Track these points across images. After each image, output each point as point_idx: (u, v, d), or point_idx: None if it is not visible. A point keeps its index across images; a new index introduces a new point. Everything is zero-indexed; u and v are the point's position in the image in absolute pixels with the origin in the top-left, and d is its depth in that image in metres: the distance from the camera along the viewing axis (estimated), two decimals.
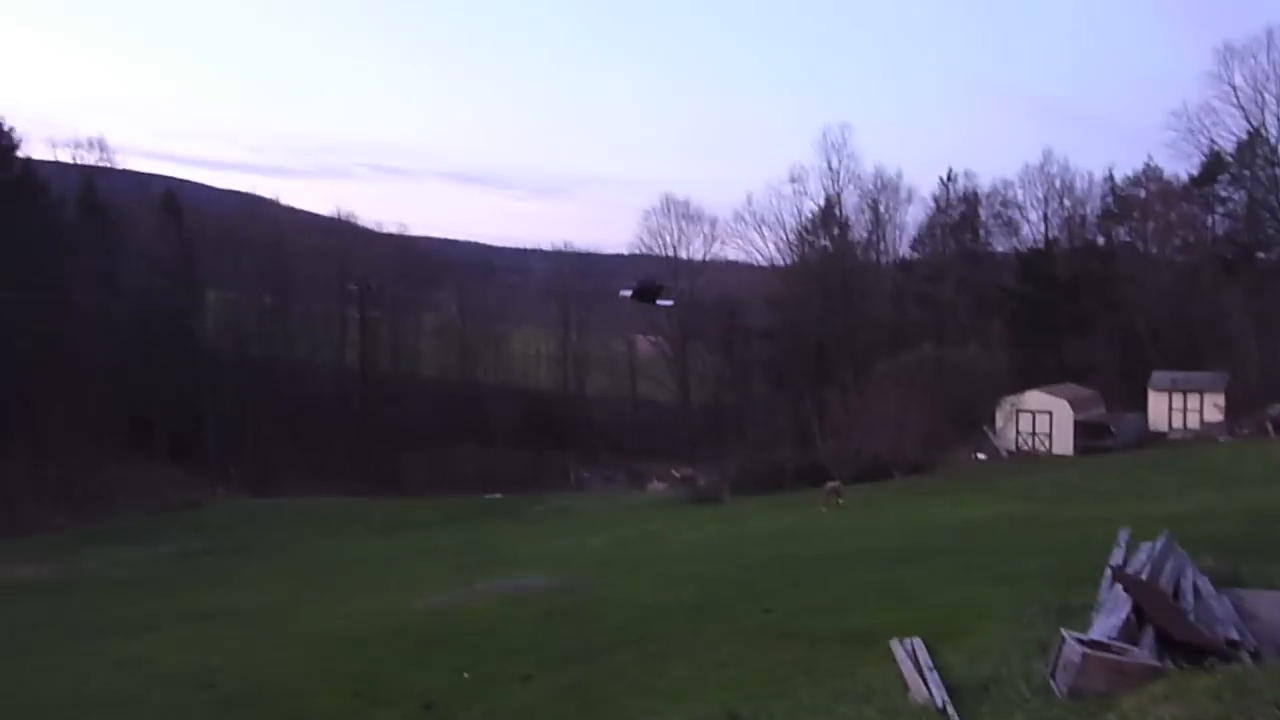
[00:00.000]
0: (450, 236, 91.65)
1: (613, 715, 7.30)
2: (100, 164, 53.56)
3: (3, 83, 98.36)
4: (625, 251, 66.71)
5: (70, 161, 51.47)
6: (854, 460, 31.95)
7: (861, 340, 52.36)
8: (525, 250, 79.59)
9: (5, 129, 44.99)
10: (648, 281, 11.40)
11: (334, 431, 51.48)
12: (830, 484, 25.99)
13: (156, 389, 45.19)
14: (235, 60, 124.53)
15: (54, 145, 52.93)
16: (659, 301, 11.29)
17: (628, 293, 11.19)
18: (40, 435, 36.78)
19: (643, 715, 7.03)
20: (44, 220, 44.97)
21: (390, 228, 67.08)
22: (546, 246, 73.69)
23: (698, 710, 6.80)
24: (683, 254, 62.04)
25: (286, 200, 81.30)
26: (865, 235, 59.05)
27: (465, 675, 8.81)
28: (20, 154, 45.96)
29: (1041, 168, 55.15)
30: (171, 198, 54.66)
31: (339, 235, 62.07)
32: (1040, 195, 55.59)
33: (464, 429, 53.14)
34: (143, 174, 63.03)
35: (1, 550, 26.01)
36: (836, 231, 58.21)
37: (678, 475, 43.14)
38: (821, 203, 57.54)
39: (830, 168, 56.89)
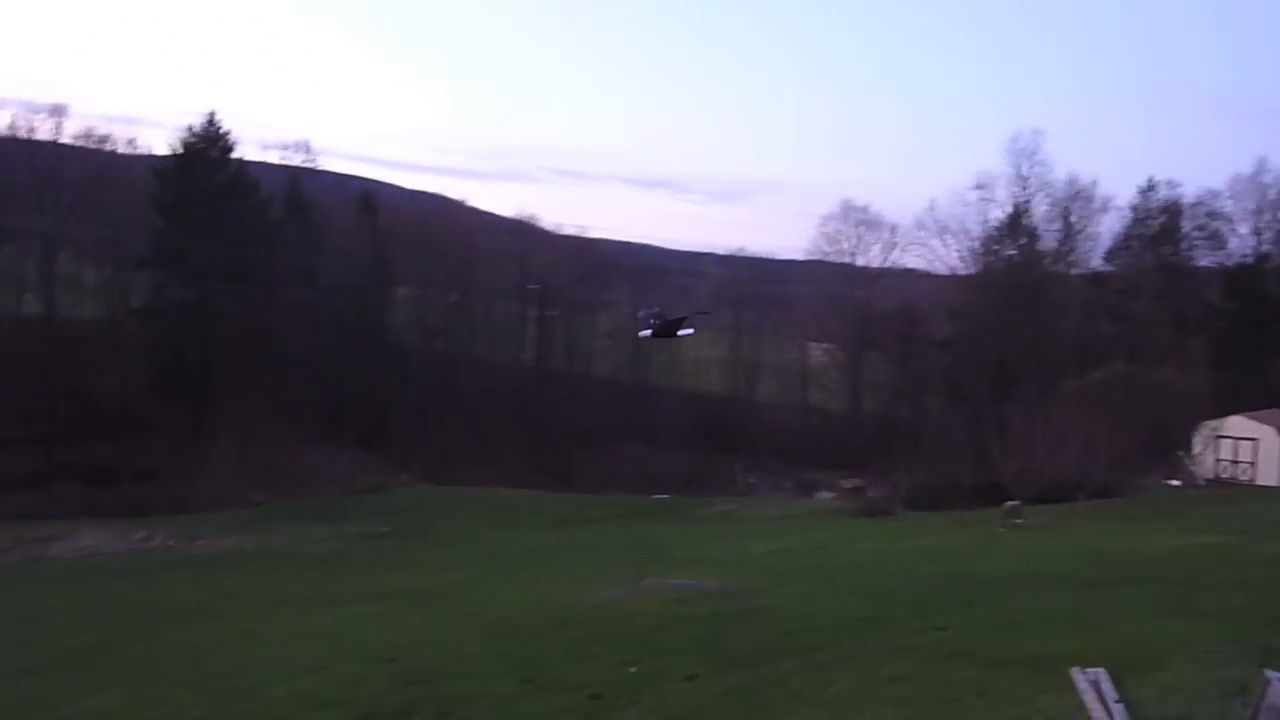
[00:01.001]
0: (627, 239, 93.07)
1: None
2: (305, 165, 57.13)
3: (221, 90, 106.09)
4: (800, 257, 66.14)
5: (278, 163, 55.14)
6: (1035, 480, 30.59)
7: (1048, 355, 50.08)
8: (699, 254, 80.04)
9: (222, 132, 48.48)
10: (663, 315, 10.88)
11: (509, 426, 53.05)
12: (1009, 503, 25.00)
13: (348, 379, 47.73)
14: (430, 67, 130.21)
15: (264, 147, 56.86)
16: (680, 332, 10.79)
17: (647, 333, 10.74)
18: (246, 419, 39.44)
19: None
20: (254, 218, 48.22)
21: (569, 230, 68.93)
22: (721, 251, 73.90)
23: None
24: (860, 261, 60.99)
25: (473, 202, 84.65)
26: (1055, 245, 56.49)
27: (632, 670, 8.93)
28: (234, 155, 49.48)
29: (1253, 177, 51.48)
30: (368, 198, 57.64)
31: (521, 237, 64.12)
32: (1251, 207, 51.87)
33: (633, 429, 53.85)
34: (342, 175, 66.91)
35: (209, 523, 28.04)
36: (1024, 241, 55.92)
37: (847, 486, 42.37)
38: (1009, 210, 55.46)
39: (1019, 174, 54.76)
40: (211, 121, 48.23)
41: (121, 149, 53.82)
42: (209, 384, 43.98)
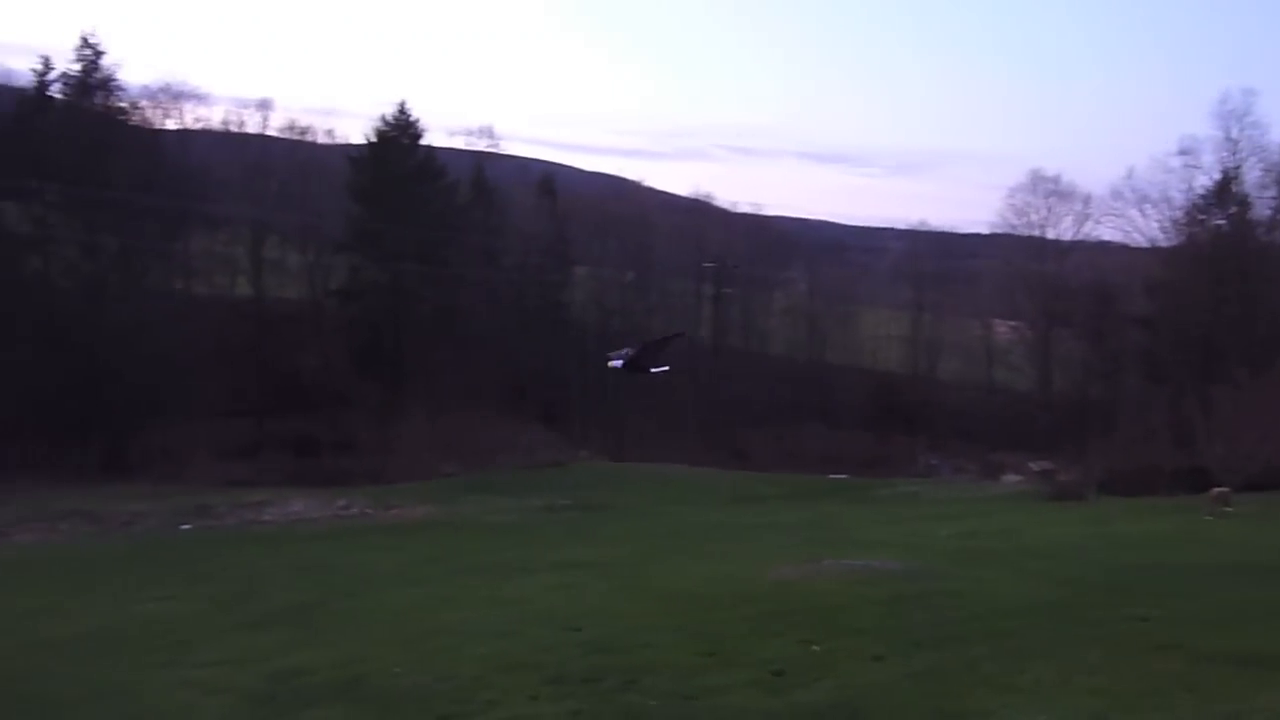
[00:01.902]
0: (803, 216, 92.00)
1: (969, 706, 7.08)
2: (488, 149, 59.04)
3: (411, 80, 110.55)
4: (985, 231, 63.69)
5: (463, 148, 57.15)
6: (1245, 466, 28.56)
7: (1260, 333, 46.51)
8: (878, 229, 78.33)
9: (411, 120, 50.59)
10: (637, 350, 10.02)
11: (685, 404, 53.44)
12: (1217, 490, 23.45)
13: (530, 357, 49.17)
14: (609, 51, 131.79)
15: (450, 134, 59.05)
16: (653, 370, 9.94)
17: (617, 363, 9.75)
18: (436, 394, 41.26)
19: (1002, 710, 6.77)
20: (442, 202, 50.17)
21: (745, 208, 68.61)
22: (900, 225, 72.04)
23: (1063, 713, 6.44)
24: (1050, 234, 58.23)
25: (650, 182, 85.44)
26: (1268, 214, 52.25)
27: (814, 648, 8.89)
28: (423, 142, 51.56)
29: None
30: (548, 180, 59.04)
31: (697, 215, 64.28)
32: None
33: (809, 408, 53.31)
34: (524, 159, 68.77)
35: (402, 493, 29.51)
36: (1233, 210, 51.94)
37: (1035, 469, 40.66)
38: (1217, 177, 51.64)
39: (1228, 138, 50.81)
40: (402, 110, 50.38)
41: (321, 139, 57.08)
42: (402, 361, 46.16)
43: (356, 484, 32.27)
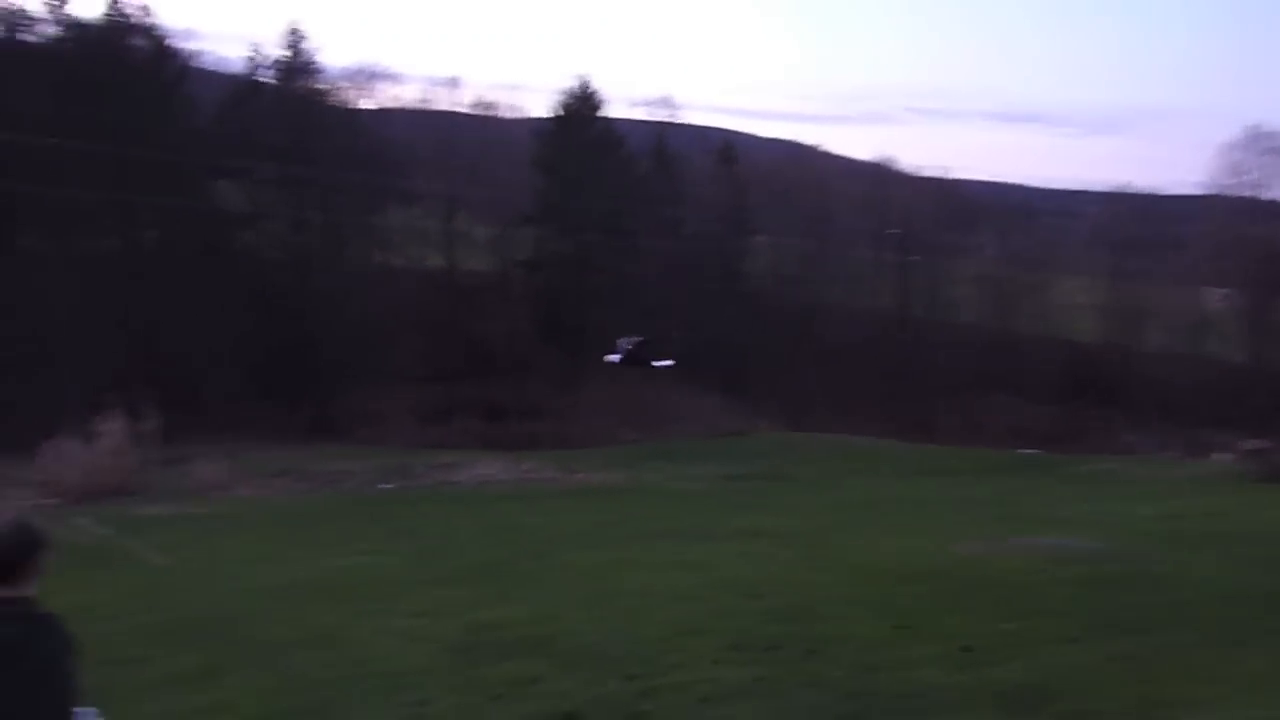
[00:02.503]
0: (993, 179, 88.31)
1: (1175, 694, 6.76)
2: (668, 119, 59.25)
3: (593, 53, 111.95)
4: (1194, 192, 59.51)
5: (643, 119, 57.58)
6: None
7: None
8: (1073, 192, 74.41)
9: (593, 93, 51.33)
10: (638, 343, 9.28)
11: (866, 374, 52.47)
12: None
13: (709, 326, 49.31)
14: (781, 14, 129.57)
15: (631, 105, 59.59)
16: (655, 363, 9.20)
17: (615, 358, 9.01)
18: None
19: (1214, 701, 6.42)
20: (622, 173, 50.79)
21: (931, 172, 66.29)
22: (1098, 188, 68.13)
23: None
24: (1267, 194, 53.85)
25: (830, 147, 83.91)
26: None
27: (1006, 626, 8.66)
28: (604, 114, 52.26)
29: None
30: (728, 148, 58.77)
31: (880, 180, 62.65)
32: None
33: (998, 380, 51.37)
34: (703, 127, 68.64)
35: (585, 458, 30.29)
36: None
37: (1248, 447, 37.88)
38: None
39: None
40: (584, 84, 51.17)
41: (507, 115, 58.69)
42: (584, 330, 47.18)
43: (541, 448, 33.30)
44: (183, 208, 39.79)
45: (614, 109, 54.48)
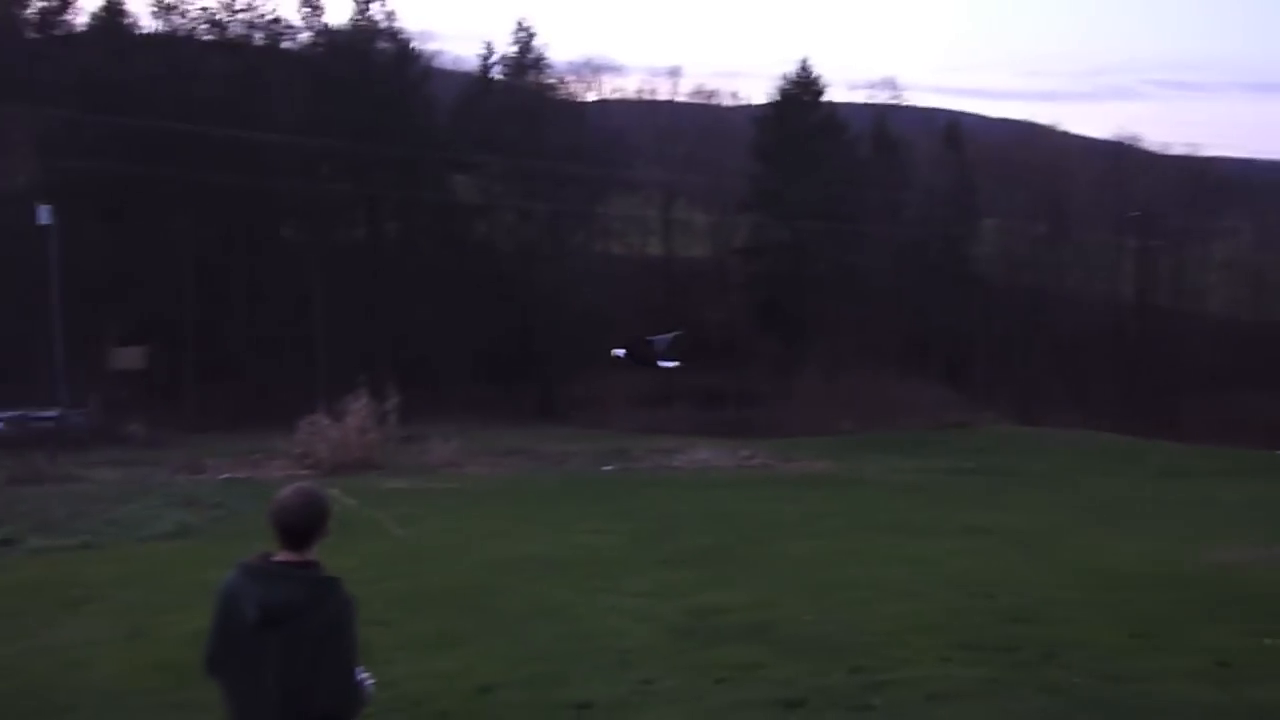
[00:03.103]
0: (1249, 156, 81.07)
1: None
2: (890, 102, 57.83)
3: (812, 37, 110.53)
4: None
5: (864, 102, 56.40)
6: None
7: None
8: None
9: (813, 77, 50.67)
10: (636, 339, 8.27)
11: (1104, 366, 49.50)
12: None
13: (932, 314, 47.86)
14: None
15: (851, 88, 58.51)
16: (660, 363, 8.13)
17: (621, 353, 8.00)
18: (835, 351, 41.50)
19: None
20: (843, 158, 49.95)
21: (1179, 149, 61.69)
22: None
23: None
24: None
25: (1065, 126, 79.44)
26: None
27: (1267, 641, 8.01)
28: (825, 99, 51.49)
29: None
30: (953, 129, 56.75)
31: (1120, 160, 58.82)
32: None
33: (1254, 374, 47.24)
34: (927, 109, 66.55)
35: (802, 447, 30.06)
36: None
37: None
38: None
39: None
40: (804, 68, 50.63)
41: (727, 102, 58.91)
42: (802, 317, 46.82)
43: (757, 435, 33.29)
44: (422, 200, 42.22)
45: (834, 93, 53.73)
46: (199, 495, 18.46)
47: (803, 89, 50.52)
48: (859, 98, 57.66)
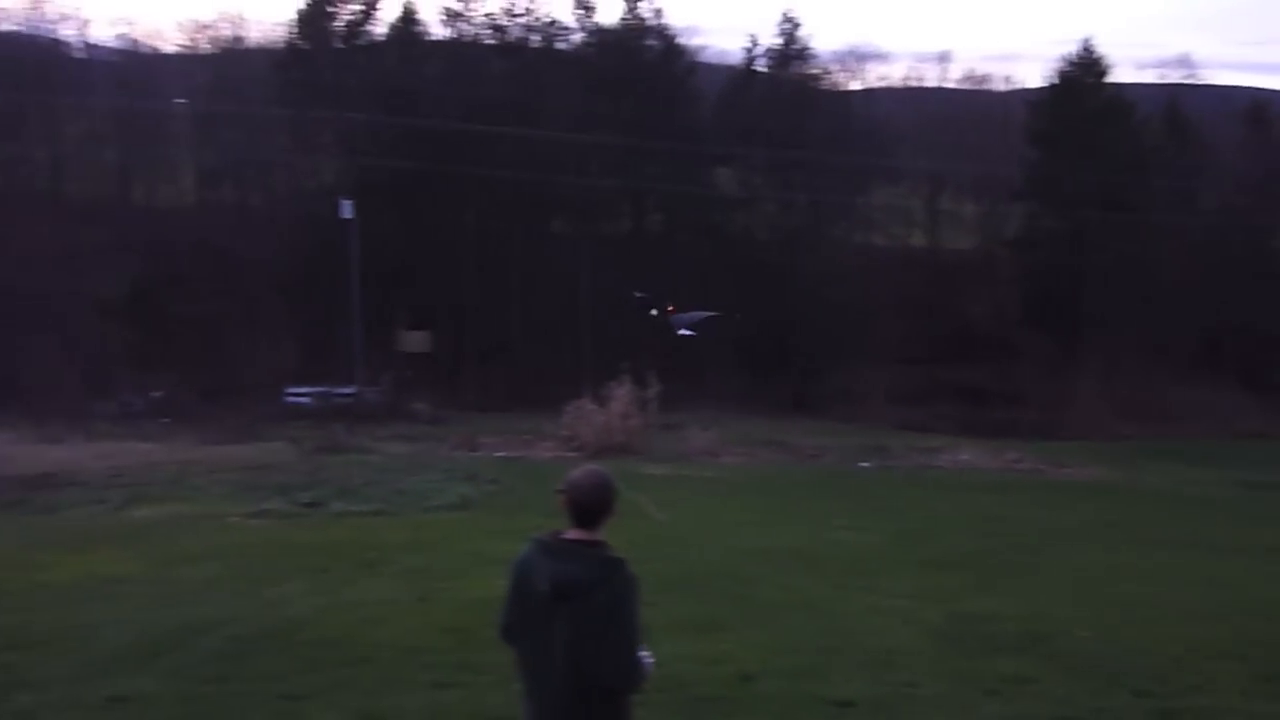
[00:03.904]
0: None
1: None
2: (1184, 81, 53.17)
3: (1095, 14, 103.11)
4: None
5: (1155, 82, 52.14)
6: None
7: None
8: None
9: (1096, 57, 47.34)
10: (644, 299, 7.05)
11: None
12: None
13: (1230, 312, 43.69)
14: None
15: (1140, 67, 54.26)
16: (682, 332, 6.71)
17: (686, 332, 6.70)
18: (1114, 350, 38.77)
19: None
20: (1128, 142, 46.39)
21: None
22: None
23: None
24: None
25: None
26: None
27: None
28: (1109, 80, 47.99)
29: None
30: (1259, 109, 51.39)
31: None
32: None
33: None
34: (1227, 87, 60.64)
35: (1074, 451, 28.39)
36: None
37: None
38: None
39: None
40: (1086, 48, 47.46)
41: (999, 87, 56.17)
42: (1078, 313, 44.00)
43: (1025, 437, 31.71)
44: (684, 193, 42.95)
45: (1121, 73, 50.17)
46: (476, 470, 19.75)
47: (1085, 70, 47.35)
48: (1148, 78, 53.59)
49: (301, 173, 44.36)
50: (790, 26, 46.66)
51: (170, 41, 51.40)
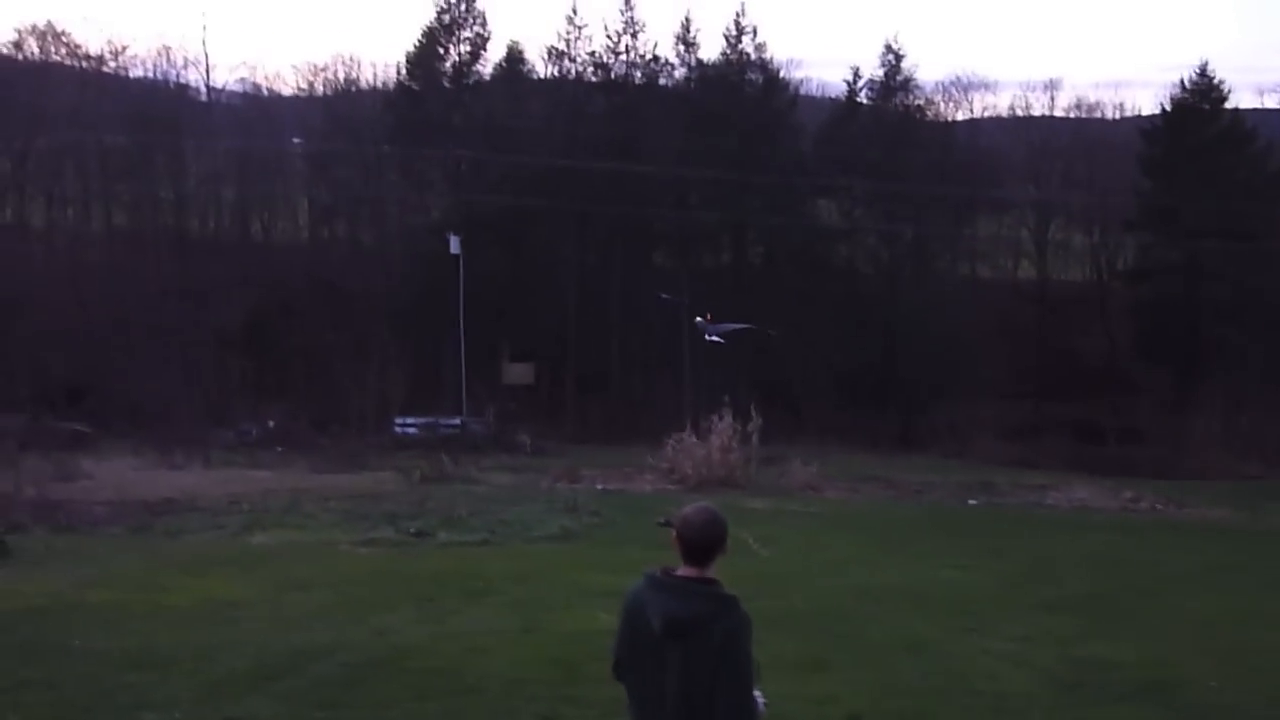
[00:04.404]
0: None
1: None
2: None
3: (1214, 37, 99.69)
4: None
5: (1276, 107, 50.17)
6: None
7: None
8: None
9: (1214, 83, 45.78)
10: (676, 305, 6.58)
11: None
12: None
13: None
14: None
15: (1260, 91, 52.29)
16: (708, 338, 6.18)
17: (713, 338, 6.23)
18: (1232, 384, 37.13)
19: None
20: (1249, 170, 44.68)
21: None
22: None
23: None
24: None
25: None
26: None
27: None
28: (1228, 106, 46.38)
29: None
30: None
31: None
32: None
33: None
34: None
35: (1196, 491, 27.18)
36: None
37: None
38: None
39: None
40: (1203, 73, 45.92)
41: (1110, 115, 54.71)
42: (1196, 346, 42.34)
43: (1141, 476, 30.49)
44: (785, 225, 42.83)
45: (1240, 98, 48.36)
46: (578, 502, 19.88)
47: (1201, 96, 45.81)
48: (1270, 103, 51.55)
49: (411, 209, 45.60)
50: (893, 58, 46.31)
51: (288, 84, 53.35)
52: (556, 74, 45.34)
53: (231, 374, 39.38)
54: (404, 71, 45.15)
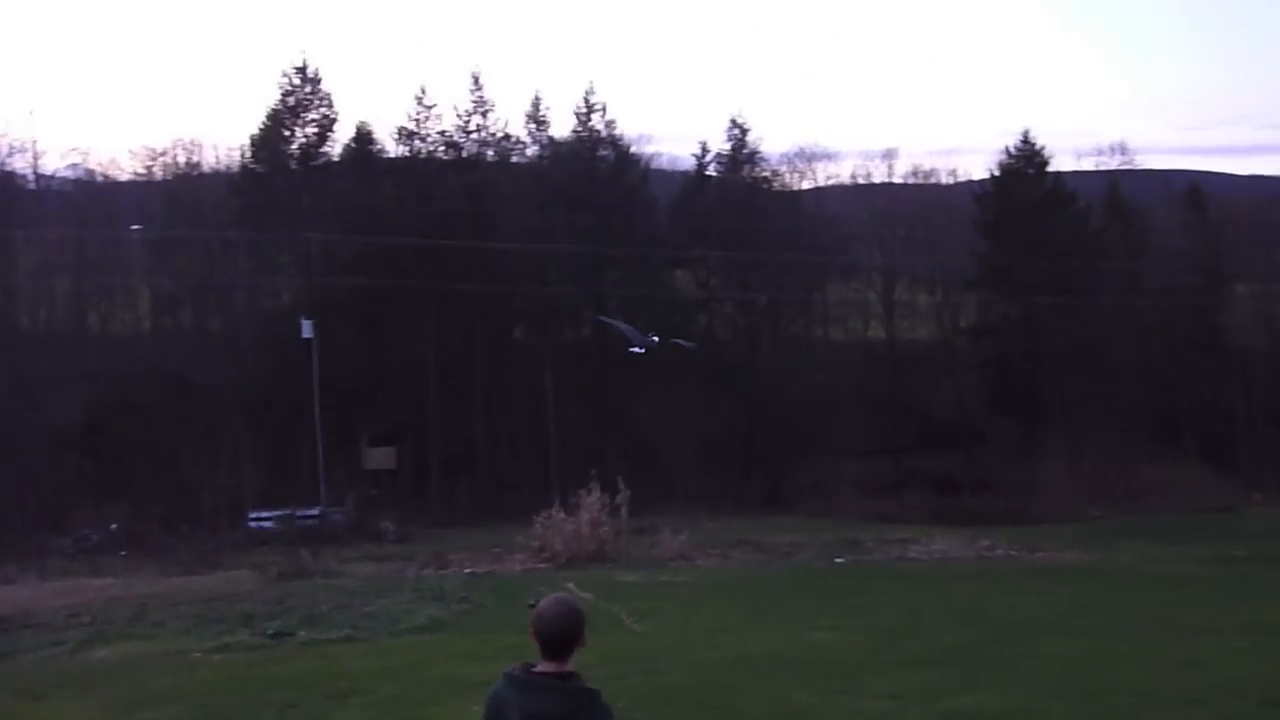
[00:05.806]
0: None
1: None
2: (1122, 167, 55.08)
3: (1033, 106, 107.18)
4: None
5: (1094, 169, 53.93)
6: None
7: None
8: None
9: (1037, 148, 48.99)
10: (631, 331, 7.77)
11: None
12: None
13: (1183, 388, 44.49)
14: (1248, 36, 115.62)
15: (1079, 156, 56.21)
16: (630, 349, 7.56)
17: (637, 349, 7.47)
18: (1076, 431, 39.22)
19: None
20: (1073, 228, 47.75)
21: None
22: None
23: None
24: None
25: None
26: None
27: None
28: (1050, 169, 49.61)
29: None
30: (1194, 192, 53.30)
31: None
32: None
33: None
34: (1164, 171, 62.89)
35: (1047, 535, 28.40)
36: None
37: None
38: None
39: None
40: (1026, 139, 49.12)
41: (945, 180, 57.82)
42: (1039, 397, 44.58)
43: (996, 524, 31.70)
44: (644, 296, 43.40)
45: (1061, 161, 51.77)
46: (446, 590, 19.28)
47: (1026, 160, 48.95)
48: (1088, 165, 55.40)
49: (260, 294, 44.36)
50: (739, 131, 47.95)
51: (125, 169, 51.37)
52: (408, 153, 45.14)
53: (69, 475, 37.07)
54: (248, 154, 44.19)
